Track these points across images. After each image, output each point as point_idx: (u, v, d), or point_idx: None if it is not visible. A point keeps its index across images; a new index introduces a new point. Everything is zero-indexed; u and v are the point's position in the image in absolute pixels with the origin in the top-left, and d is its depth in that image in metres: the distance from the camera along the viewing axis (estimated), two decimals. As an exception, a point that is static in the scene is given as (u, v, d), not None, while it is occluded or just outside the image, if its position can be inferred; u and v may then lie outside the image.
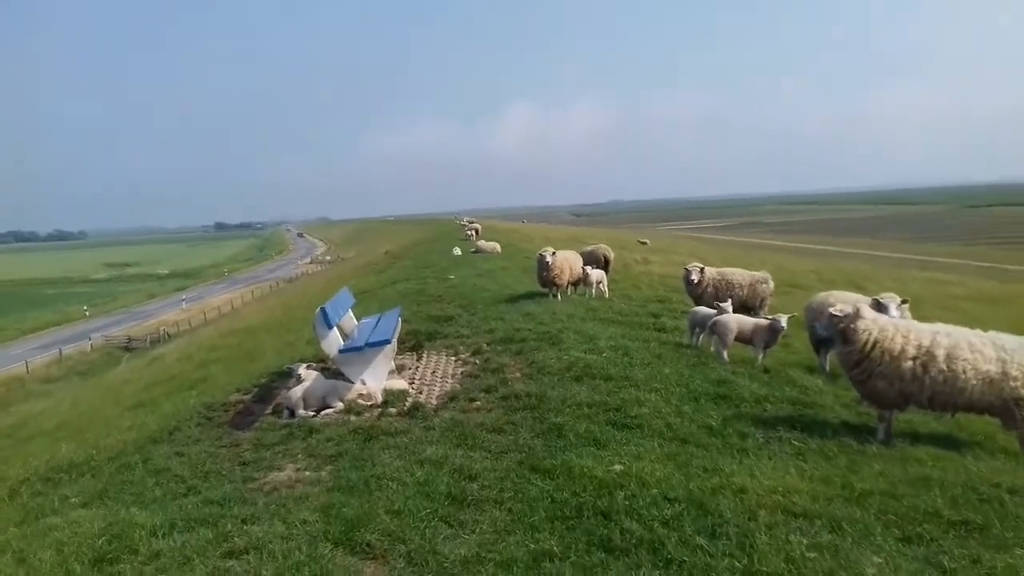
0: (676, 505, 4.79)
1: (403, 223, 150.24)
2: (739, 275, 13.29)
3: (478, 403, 7.72)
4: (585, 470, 5.40)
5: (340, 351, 8.42)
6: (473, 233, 45.36)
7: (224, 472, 6.34)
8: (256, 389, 9.82)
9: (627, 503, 4.84)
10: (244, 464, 6.52)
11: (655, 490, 5.01)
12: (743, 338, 9.64)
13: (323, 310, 8.44)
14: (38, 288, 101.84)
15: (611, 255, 21.31)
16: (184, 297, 76.11)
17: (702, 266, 13.46)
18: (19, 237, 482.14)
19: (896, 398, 6.47)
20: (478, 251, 31.43)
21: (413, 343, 11.27)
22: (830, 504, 4.86)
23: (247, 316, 34.60)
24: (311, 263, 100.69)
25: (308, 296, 31.58)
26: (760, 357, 9.46)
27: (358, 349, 8.34)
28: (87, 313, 69.19)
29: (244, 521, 5.01)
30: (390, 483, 5.44)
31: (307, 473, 6.03)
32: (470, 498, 5.14)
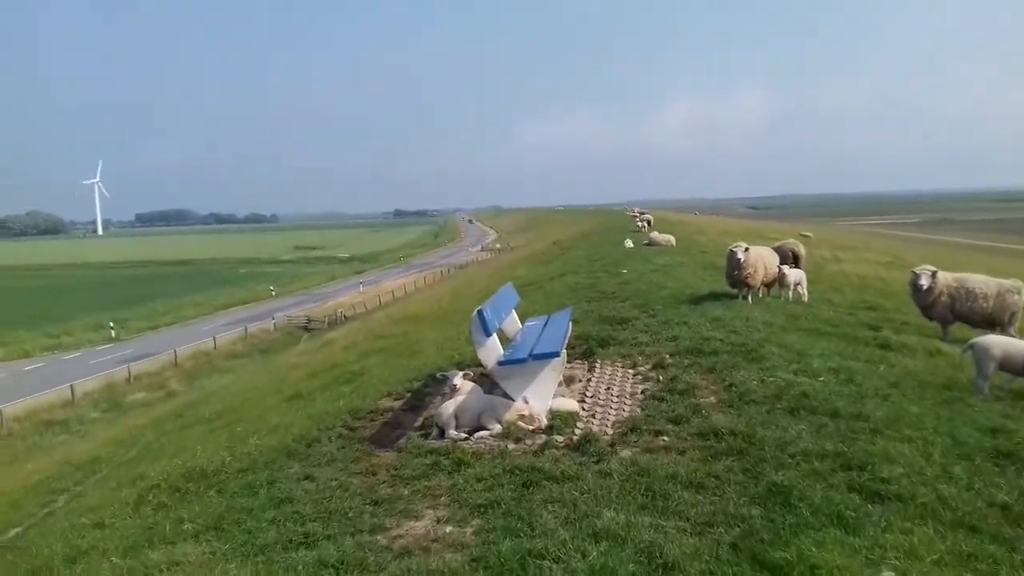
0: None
1: (572, 213, 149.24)
2: (981, 282, 10.85)
3: (665, 439, 6.11)
4: (837, 574, 3.71)
5: (499, 363, 7.06)
6: (645, 224, 43.25)
7: (351, 515, 5.13)
8: (408, 395, 8.75)
9: (917, 648, 3.13)
10: (376, 504, 5.30)
11: (958, 628, 3.27)
12: (1011, 367, 7.42)
13: (480, 313, 7.09)
14: (232, 267, 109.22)
15: (802, 251, 18.93)
16: (362, 280, 78.67)
17: (934, 269, 11.11)
18: (219, 219, 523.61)
19: None
20: (651, 243, 29.53)
21: (584, 349, 9.82)
22: None
23: (416, 303, 34.57)
24: (482, 251, 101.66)
25: (476, 285, 30.97)
26: (1037, 395, 7.24)
27: (520, 361, 6.95)
28: (273, 293, 72.92)
29: (360, 609, 3.74)
30: (553, 567, 3.97)
31: (448, 529, 4.70)
32: (667, 604, 3.59)
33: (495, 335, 7.36)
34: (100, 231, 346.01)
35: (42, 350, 48.02)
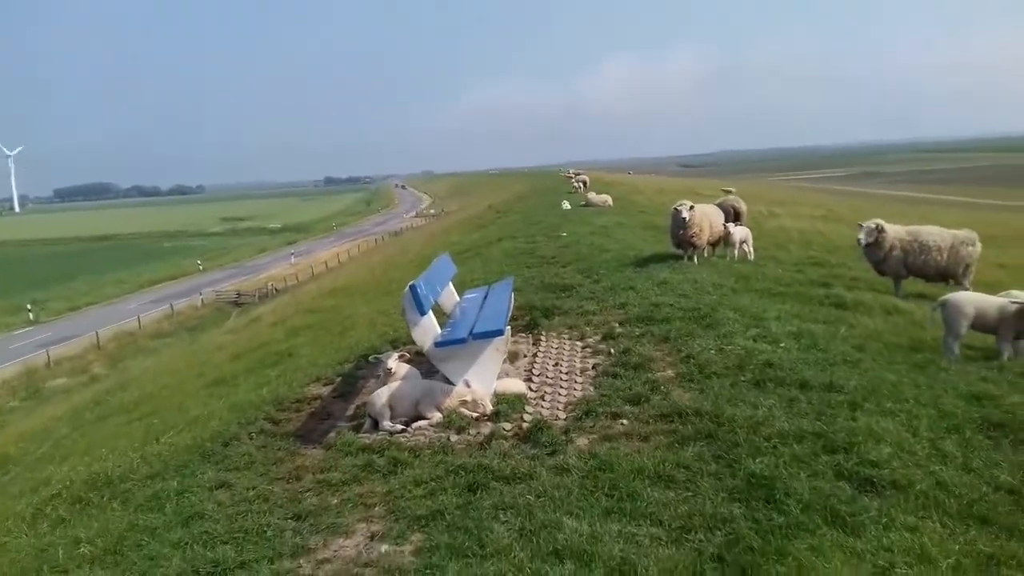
0: None
1: (505, 176, 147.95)
2: (935, 235, 10.54)
3: (624, 422, 5.53)
4: (842, 589, 3.16)
5: (436, 344, 6.35)
6: (581, 185, 42.72)
7: (269, 534, 4.41)
8: (338, 379, 8.01)
9: None
10: (299, 518, 4.58)
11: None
12: (984, 325, 7.05)
13: (413, 289, 6.35)
14: (157, 241, 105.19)
15: (743, 207, 18.65)
16: (293, 251, 76.55)
17: (880, 222, 10.76)
18: (143, 192, 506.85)
19: None
20: (588, 204, 29.01)
21: (527, 320, 9.18)
22: None
23: (348, 273, 33.51)
24: (416, 216, 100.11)
25: (411, 252, 30.05)
26: (1005, 354, 6.88)
27: (460, 341, 6.27)
28: (201, 267, 70.42)
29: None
30: (511, 598, 3.35)
31: (384, 548, 4.03)
32: (648, 640, 2.99)
33: (431, 312, 6.64)
34: (17, 208, 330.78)
35: (-43, 337, 45.48)
